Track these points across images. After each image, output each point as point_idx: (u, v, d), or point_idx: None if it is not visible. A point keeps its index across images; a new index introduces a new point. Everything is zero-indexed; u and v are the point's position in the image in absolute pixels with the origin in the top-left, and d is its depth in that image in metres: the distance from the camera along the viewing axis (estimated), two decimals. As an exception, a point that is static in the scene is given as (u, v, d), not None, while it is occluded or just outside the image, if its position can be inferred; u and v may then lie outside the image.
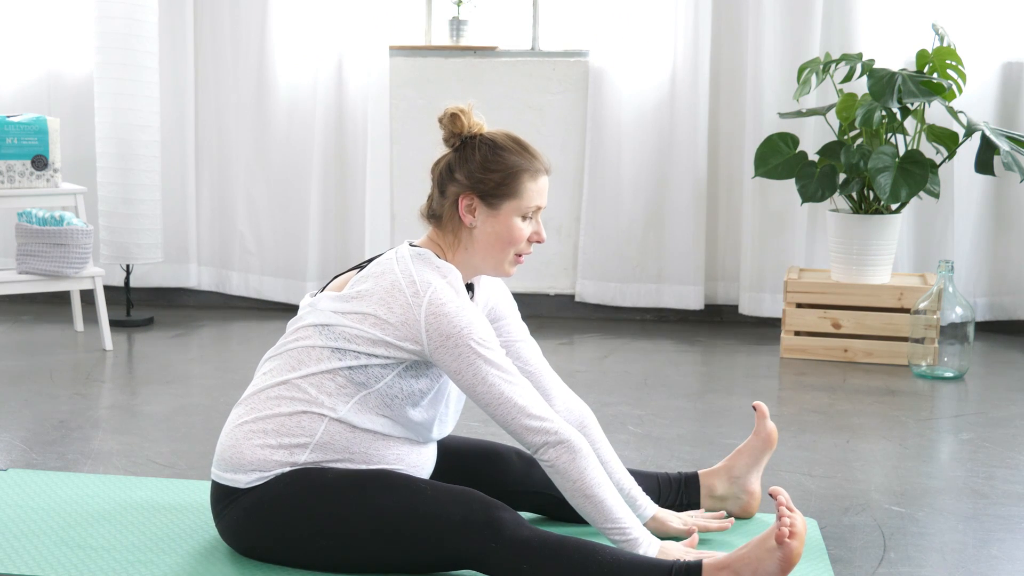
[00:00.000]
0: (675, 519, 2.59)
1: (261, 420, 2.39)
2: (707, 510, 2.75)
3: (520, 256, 2.48)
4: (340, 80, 5.30)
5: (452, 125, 2.44)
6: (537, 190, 2.44)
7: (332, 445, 2.38)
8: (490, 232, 2.43)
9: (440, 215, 2.46)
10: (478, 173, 2.41)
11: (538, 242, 2.48)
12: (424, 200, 2.52)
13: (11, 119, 4.55)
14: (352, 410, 2.37)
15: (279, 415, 2.38)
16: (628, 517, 2.35)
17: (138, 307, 5.36)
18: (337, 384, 2.37)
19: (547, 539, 2.25)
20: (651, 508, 2.59)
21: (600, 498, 2.33)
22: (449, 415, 2.52)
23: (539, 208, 2.45)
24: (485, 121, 2.48)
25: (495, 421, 2.35)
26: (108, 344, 4.62)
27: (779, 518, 2.20)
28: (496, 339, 2.37)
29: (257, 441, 2.38)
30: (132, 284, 5.34)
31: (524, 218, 2.44)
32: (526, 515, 2.70)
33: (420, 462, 2.48)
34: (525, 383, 2.36)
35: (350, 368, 2.36)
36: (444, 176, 2.45)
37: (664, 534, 2.56)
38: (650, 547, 2.32)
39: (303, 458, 2.37)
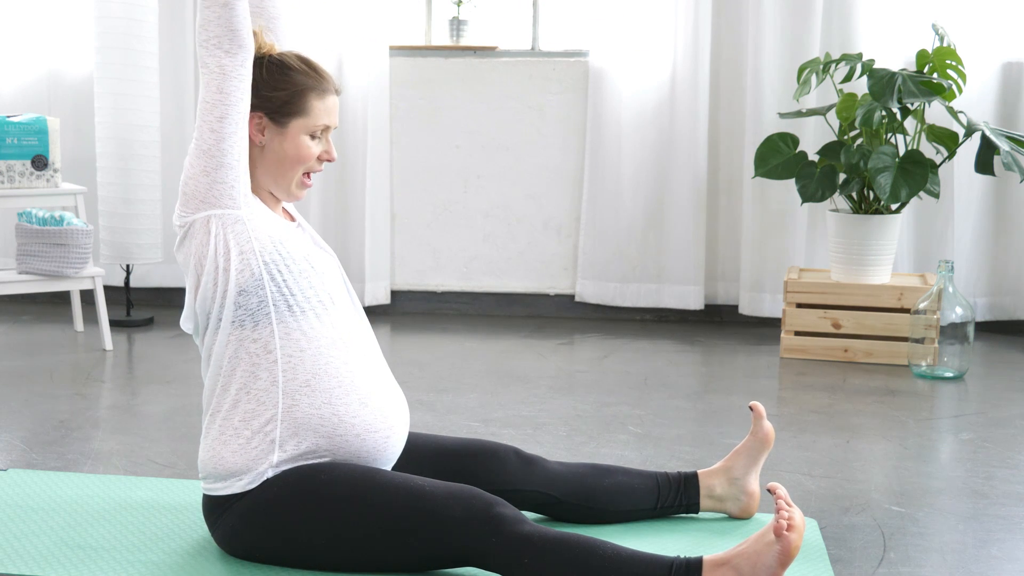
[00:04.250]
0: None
1: (225, 421, 2.39)
2: (706, 510, 2.75)
3: (308, 176, 2.50)
4: (340, 80, 5.28)
5: None
6: (325, 109, 2.47)
7: (297, 407, 2.36)
8: (279, 150, 2.46)
9: None
10: (265, 91, 2.44)
11: (329, 160, 2.52)
12: None
13: (11, 119, 4.55)
14: (280, 336, 2.37)
15: (237, 407, 2.38)
16: None
17: (138, 307, 5.36)
18: (253, 343, 2.37)
19: (548, 535, 2.24)
20: None
21: None
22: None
23: (328, 128, 2.49)
24: (276, 43, 2.52)
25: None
26: (108, 344, 4.62)
27: (777, 511, 2.20)
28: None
29: (232, 445, 2.38)
30: (132, 284, 5.34)
31: (313, 137, 2.47)
32: (525, 514, 2.70)
33: (382, 391, 2.46)
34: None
35: (239, 320, 2.37)
36: None
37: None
38: None
39: (276, 434, 2.36)
